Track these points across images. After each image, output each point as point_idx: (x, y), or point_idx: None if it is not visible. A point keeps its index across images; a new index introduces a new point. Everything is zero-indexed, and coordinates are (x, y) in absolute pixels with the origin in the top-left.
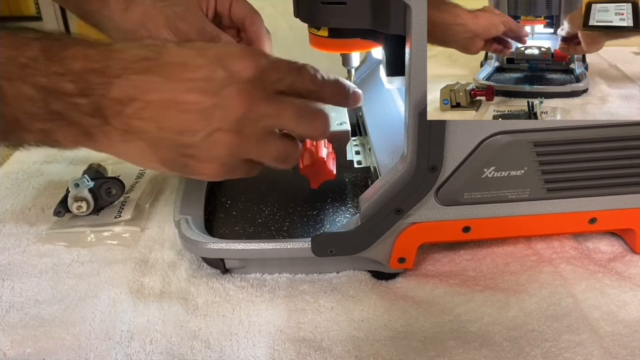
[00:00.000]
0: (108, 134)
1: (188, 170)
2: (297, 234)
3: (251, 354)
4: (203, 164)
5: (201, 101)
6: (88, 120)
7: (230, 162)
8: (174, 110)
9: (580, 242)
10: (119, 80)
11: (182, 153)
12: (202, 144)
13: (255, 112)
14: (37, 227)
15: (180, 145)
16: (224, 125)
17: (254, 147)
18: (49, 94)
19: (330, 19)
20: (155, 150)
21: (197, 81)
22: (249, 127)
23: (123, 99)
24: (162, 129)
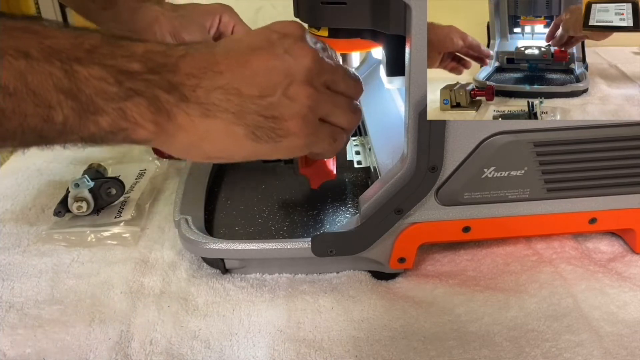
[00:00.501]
0: (187, 110)
1: (277, 133)
2: (297, 234)
3: (251, 354)
4: (288, 122)
5: (269, 60)
6: (165, 96)
7: (310, 118)
8: (248, 74)
9: (580, 242)
10: (185, 59)
11: (267, 115)
12: (283, 100)
13: (319, 63)
14: (37, 227)
15: (263, 107)
16: (296, 77)
17: (326, 98)
18: (119, 73)
19: (330, 19)
20: (241, 119)
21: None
22: (316, 79)
23: (196, 73)
24: (242, 95)
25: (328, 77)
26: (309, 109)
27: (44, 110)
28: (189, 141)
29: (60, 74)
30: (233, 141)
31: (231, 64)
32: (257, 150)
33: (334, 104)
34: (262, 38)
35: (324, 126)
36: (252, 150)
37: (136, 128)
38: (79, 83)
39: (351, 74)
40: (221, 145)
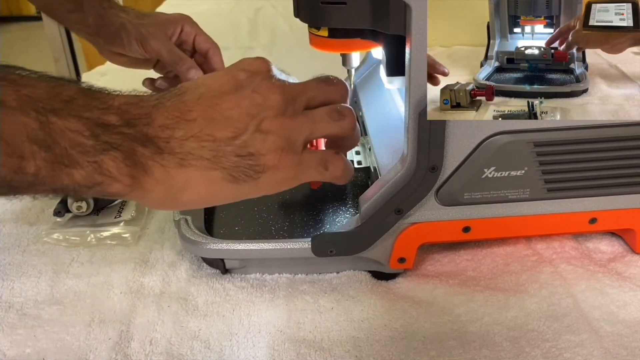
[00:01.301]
0: (162, 162)
1: (254, 169)
2: (297, 234)
3: (251, 354)
4: (265, 157)
5: (238, 100)
6: (140, 149)
7: (288, 148)
8: (220, 118)
9: (580, 242)
10: (157, 109)
11: (243, 154)
12: (256, 136)
13: (288, 92)
14: (37, 227)
15: (238, 147)
16: (267, 113)
17: (303, 123)
18: (96, 125)
19: (330, 19)
20: (217, 163)
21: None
22: (289, 107)
23: (169, 124)
24: (217, 140)
25: (302, 98)
26: (285, 139)
27: (16, 160)
28: (167, 193)
29: (35, 124)
30: (211, 187)
31: (202, 110)
32: (238, 192)
33: (314, 121)
34: (230, 79)
35: (310, 154)
36: (232, 192)
37: (111, 182)
38: (54, 135)
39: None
40: (199, 193)
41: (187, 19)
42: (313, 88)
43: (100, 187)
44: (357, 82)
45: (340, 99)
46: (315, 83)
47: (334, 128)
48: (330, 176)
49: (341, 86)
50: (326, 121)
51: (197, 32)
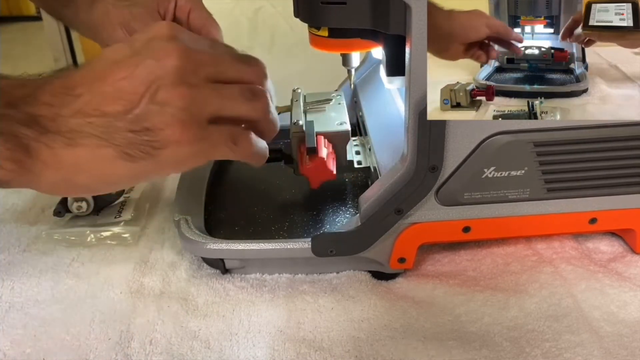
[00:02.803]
0: (48, 142)
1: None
2: (297, 234)
3: (251, 354)
4: (164, 131)
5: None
6: (23, 130)
7: (191, 118)
8: (109, 90)
9: (580, 242)
10: (43, 88)
11: (137, 129)
12: (151, 108)
13: (189, 58)
14: (37, 227)
15: (130, 122)
16: (163, 81)
17: (208, 92)
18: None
19: (330, 19)
20: (108, 141)
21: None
22: (191, 76)
23: (54, 101)
24: (106, 114)
25: (209, 69)
26: (186, 110)
27: None
28: (59, 176)
29: None
30: (105, 167)
31: (89, 84)
32: (136, 171)
33: (221, 96)
34: (124, 48)
35: (217, 128)
36: (130, 171)
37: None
38: None
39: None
40: (93, 174)
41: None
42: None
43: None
44: (357, 82)
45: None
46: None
47: (245, 108)
48: (241, 154)
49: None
50: (236, 99)
51: (192, 6)
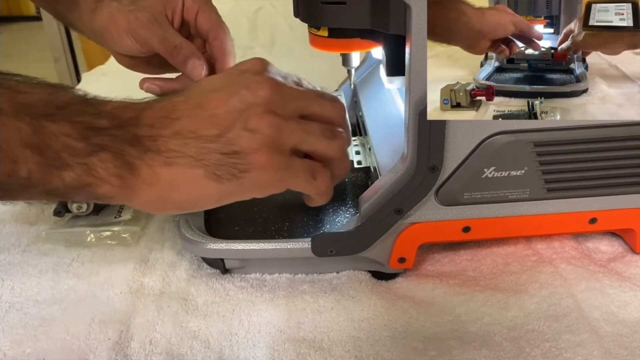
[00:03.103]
0: (149, 161)
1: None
2: (297, 234)
3: (251, 354)
4: (251, 156)
5: (226, 97)
6: (128, 149)
7: (277, 147)
8: (205, 115)
9: (580, 242)
10: (146, 111)
11: (227, 152)
12: (242, 134)
13: (280, 91)
14: (37, 227)
15: (222, 145)
16: (255, 109)
17: (294, 125)
18: (87, 129)
19: (330, 19)
20: (200, 160)
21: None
22: (280, 108)
23: (155, 123)
24: (201, 137)
25: (296, 103)
26: (274, 138)
27: (9, 164)
28: (157, 194)
29: (28, 129)
30: (195, 185)
31: (188, 109)
32: (223, 192)
33: (305, 131)
34: (222, 78)
35: (299, 160)
36: (217, 192)
37: (100, 183)
38: (46, 139)
39: (327, 96)
40: (187, 192)
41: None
42: (310, 98)
43: (89, 188)
44: (357, 82)
45: (337, 118)
46: (313, 93)
47: (324, 145)
48: (316, 189)
49: (339, 106)
50: (318, 136)
51: (199, 7)
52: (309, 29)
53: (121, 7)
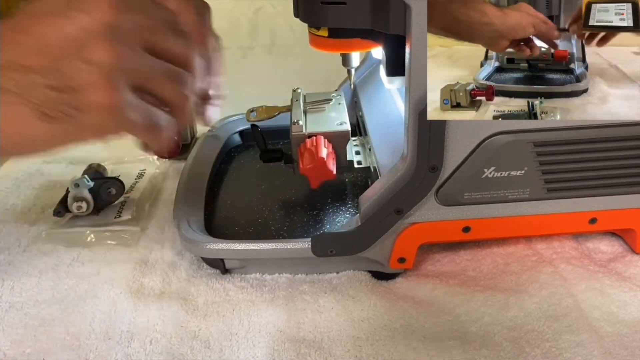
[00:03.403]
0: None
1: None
2: (297, 234)
3: (251, 354)
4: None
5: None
6: None
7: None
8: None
9: (580, 242)
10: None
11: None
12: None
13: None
14: (37, 227)
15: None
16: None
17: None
18: None
19: (330, 19)
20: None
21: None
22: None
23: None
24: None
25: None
26: (115, 69)
27: None
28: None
29: None
30: (21, 125)
31: (13, 36)
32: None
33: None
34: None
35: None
36: (49, 134)
37: None
38: None
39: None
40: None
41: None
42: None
43: None
44: (357, 82)
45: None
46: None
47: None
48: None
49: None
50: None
51: None
52: (309, 29)
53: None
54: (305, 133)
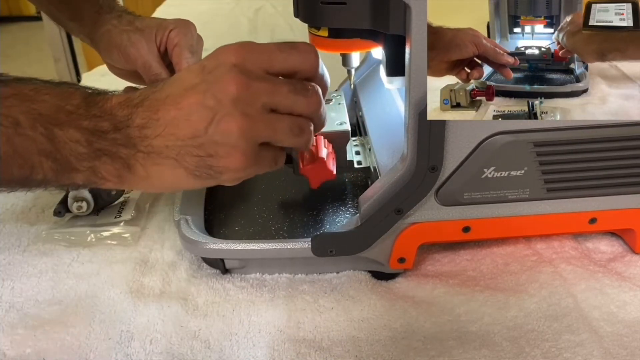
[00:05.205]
0: (142, 161)
1: (215, 170)
2: (297, 234)
3: (251, 354)
4: (225, 158)
5: (197, 96)
6: (123, 151)
7: (248, 147)
8: (180, 117)
9: (580, 242)
10: (139, 108)
11: (203, 154)
12: (215, 137)
13: (249, 90)
14: (37, 227)
15: (198, 148)
16: (225, 110)
17: (263, 125)
18: (91, 134)
19: (330, 19)
20: (180, 162)
21: (190, 81)
22: (249, 107)
23: (143, 124)
24: (179, 139)
25: (265, 99)
26: (245, 140)
27: (27, 170)
28: (149, 185)
29: (42, 139)
30: (179, 181)
31: (167, 109)
32: (203, 184)
33: (274, 128)
34: (195, 74)
35: (265, 151)
36: (199, 185)
37: (104, 182)
38: (58, 146)
39: (300, 88)
40: (173, 184)
41: (180, 24)
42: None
43: (96, 184)
44: (357, 82)
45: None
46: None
47: (291, 141)
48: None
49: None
50: (286, 133)
51: (178, 42)
52: (309, 29)
53: (119, 25)
54: None
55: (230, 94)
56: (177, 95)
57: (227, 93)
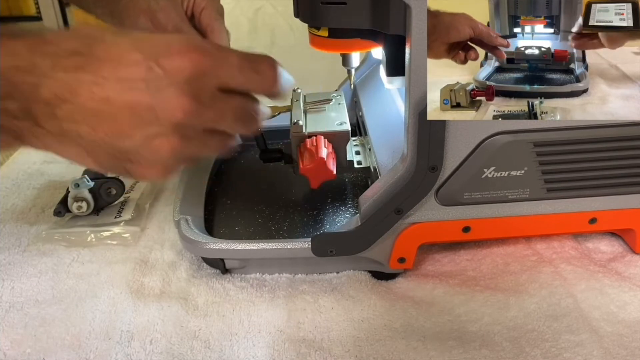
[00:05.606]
0: (40, 136)
1: (129, 173)
2: (297, 234)
3: (251, 354)
4: (144, 169)
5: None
6: (16, 123)
7: (172, 164)
8: (107, 113)
9: (580, 242)
10: (48, 80)
11: (120, 157)
12: (142, 150)
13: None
14: (37, 227)
15: (117, 150)
16: (162, 130)
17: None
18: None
19: (330, 19)
20: (91, 153)
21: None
22: (190, 130)
23: (53, 101)
24: (97, 133)
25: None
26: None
27: None
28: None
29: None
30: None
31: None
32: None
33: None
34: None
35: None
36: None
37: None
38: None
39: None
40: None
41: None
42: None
43: None
44: (357, 82)
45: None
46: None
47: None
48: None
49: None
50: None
51: (205, 4)
52: (309, 29)
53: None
54: (305, 133)
55: (174, 119)
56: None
57: (171, 116)
